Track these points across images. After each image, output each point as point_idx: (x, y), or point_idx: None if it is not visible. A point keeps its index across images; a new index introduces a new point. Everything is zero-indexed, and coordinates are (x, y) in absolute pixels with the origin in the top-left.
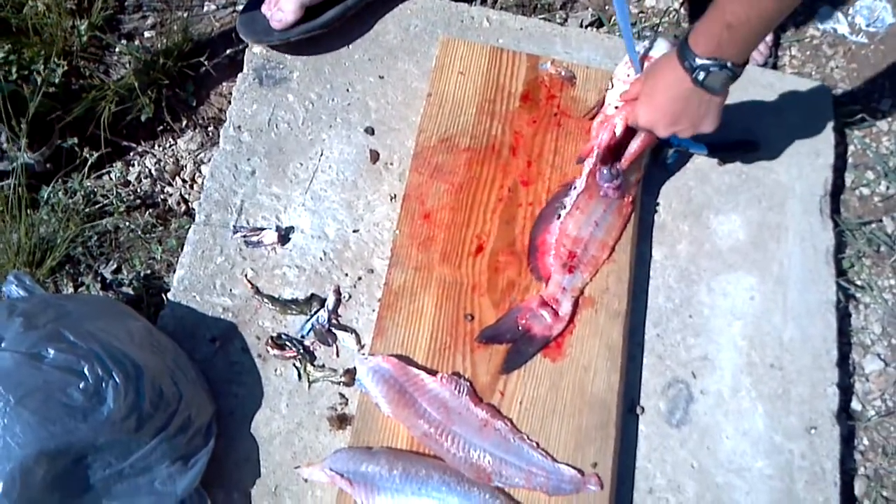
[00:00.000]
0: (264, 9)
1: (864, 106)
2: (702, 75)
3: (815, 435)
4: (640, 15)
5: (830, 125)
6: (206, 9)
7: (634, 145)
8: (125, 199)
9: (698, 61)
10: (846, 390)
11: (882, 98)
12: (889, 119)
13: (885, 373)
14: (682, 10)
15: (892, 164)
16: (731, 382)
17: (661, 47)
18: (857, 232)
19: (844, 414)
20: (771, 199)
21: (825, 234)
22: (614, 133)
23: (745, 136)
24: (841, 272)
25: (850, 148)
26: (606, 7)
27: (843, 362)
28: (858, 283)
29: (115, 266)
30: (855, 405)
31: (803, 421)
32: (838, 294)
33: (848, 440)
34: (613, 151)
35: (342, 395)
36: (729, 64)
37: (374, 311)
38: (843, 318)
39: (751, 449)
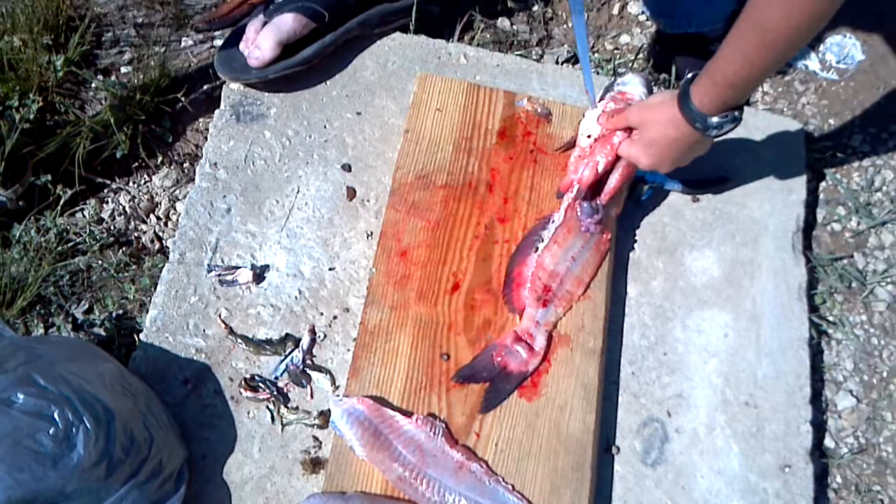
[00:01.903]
0: (242, 46)
1: (835, 142)
2: (714, 132)
3: (790, 473)
4: (615, 51)
5: (802, 161)
6: (183, 44)
7: (613, 180)
8: (98, 238)
9: (710, 120)
10: (819, 427)
11: (853, 134)
12: (860, 155)
13: (858, 409)
14: (657, 47)
15: (862, 200)
16: (706, 420)
17: (635, 82)
18: (828, 268)
19: (818, 451)
20: (744, 236)
21: (798, 270)
22: (597, 170)
23: (718, 173)
24: (813, 308)
25: (822, 184)
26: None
27: (816, 399)
28: (831, 319)
29: (86, 306)
30: (828, 442)
31: (778, 459)
32: (811, 330)
33: (821, 478)
34: (593, 186)
35: (316, 438)
36: (737, 113)
37: (349, 350)
38: (816, 354)
39: (726, 488)
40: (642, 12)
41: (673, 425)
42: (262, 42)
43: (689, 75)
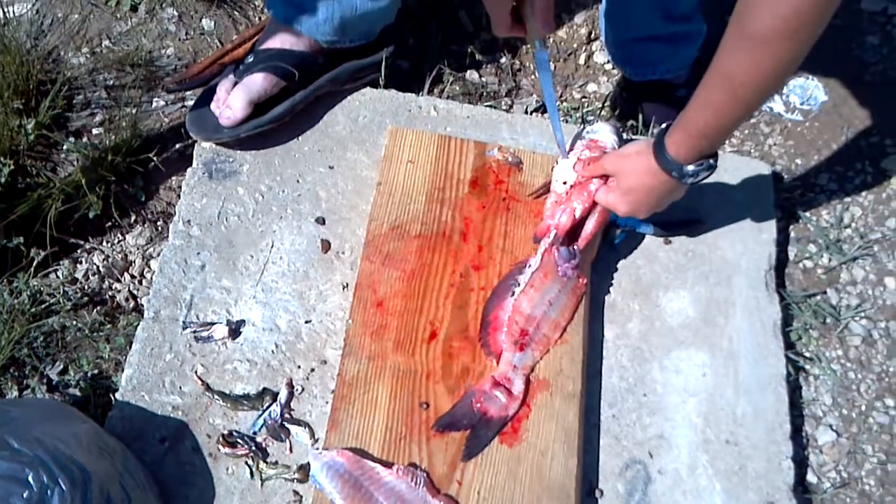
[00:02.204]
0: (213, 106)
1: (802, 181)
2: (691, 179)
3: None
4: (583, 100)
5: (772, 201)
6: (154, 105)
7: (590, 226)
8: (72, 298)
9: (686, 169)
10: (801, 463)
11: (820, 173)
12: (827, 193)
13: (838, 444)
14: (623, 94)
15: (832, 237)
16: (687, 460)
17: (605, 130)
18: (802, 304)
19: (801, 487)
20: (718, 276)
21: (772, 307)
22: (574, 216)
23: (689, 214)
24: (789, 345)
25: (792, 222)
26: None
27: (797, 435)
28: (807, 354)
29: (61, 367)
30: (811, 478)
31: (761, 496)
32: (788, 367)
33: None
34: (569, 232)
35: (296, 493)
36: (712, 161)
37: (327, 403)
38: (794, 390)
39: None
40: (608, 61)
41: (655, 466)
42: (233, 102)
43: (663, 126)
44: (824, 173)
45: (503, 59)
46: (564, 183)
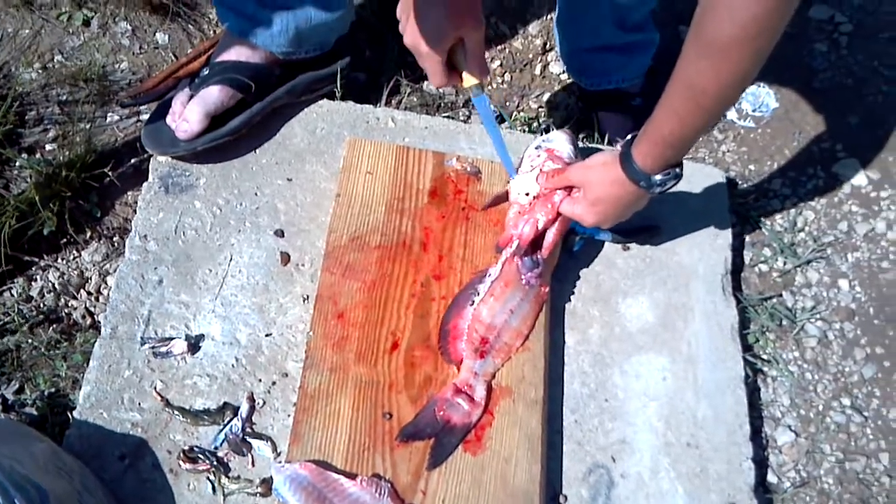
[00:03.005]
0: (169, 120)
1: (756, 187)
2: (658, 189)
3: None
4: (539, 109)
5: (726, 206)
6: (108, 120)
7: (552, 235)
8: (28, 316)
9: (654, 178)
10: (761, 464)
11: (773, 178)
12: (780, 198)
13: (797, 444)
14: (579, 104)
15: (787, 241)
16: (650, 464)
17: (561, 139)
18: (759, 307)
19: (762, 487)
20: (675, 281)
21: (729, 311)
22: (537, 227)
23: (646, 221)
24: (747, 347)
25: (747, 227)
26: (507, 103)
27: (756, 436)
28: (764, 357)
29: (17, 386)
30: (771, 478)
31: (723, 498)
32: (746, 369)
33: None
34: (531, 242)
35: None
36: (678, 170)
37: (289, 416)
38: (753, 392)
39: None
40: (563, 71)
41: (618, 471)
42: (189, 115)
43: (629, 137)
44: (777, 178)
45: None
46: (527, 194)
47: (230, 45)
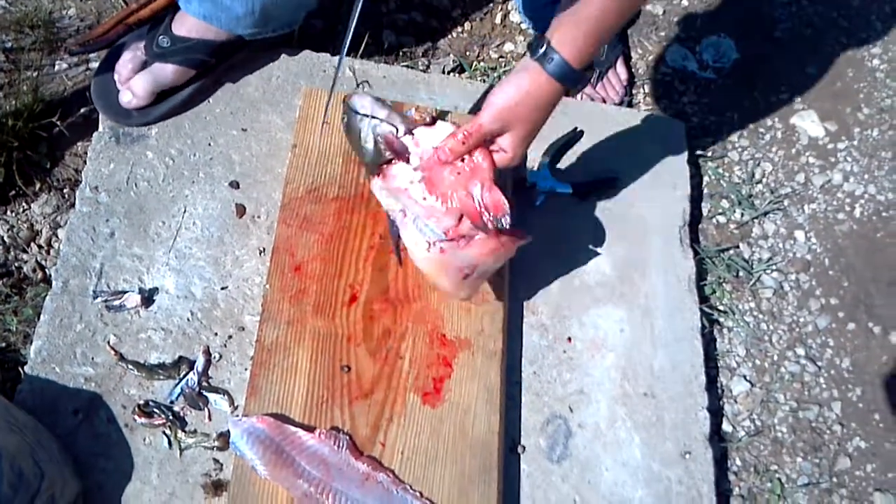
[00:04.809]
0: (116, 78)
1: (715, 138)
2: (579, 84)
3: (690, 460)
4: (500, 59)
5: (685, 158)
6: (57, 68)
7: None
8: None
9: (579, 73)
10: (716, 413)
11: (732, 130)
12: (739, 150)
13: (752, 393)
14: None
15: (744, 193)
16: (607, 414)
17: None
18: (716, 259)
19: (717, 436)
20: (634, 233)
21: (686, 263)
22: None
23: (604, 174)
24: (704, 299)
25: (705, 179)
26: (468, 53)
27: (712, 386)
28: (721, 308)
29: None
30: (726, 427)
31: (678, 447)
32: (702, 320)
33: (721, 462)
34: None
35: (216, 461)
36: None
37: (246, 369)
38: (709, 343)
39: (630, 479)
40: (522, 21)
41: (576, 421)
42: (136, 87)
43: (537, 44)
44: (736, 130)
45: (419, 19)
46: (418, 181)
47: (192, 20)
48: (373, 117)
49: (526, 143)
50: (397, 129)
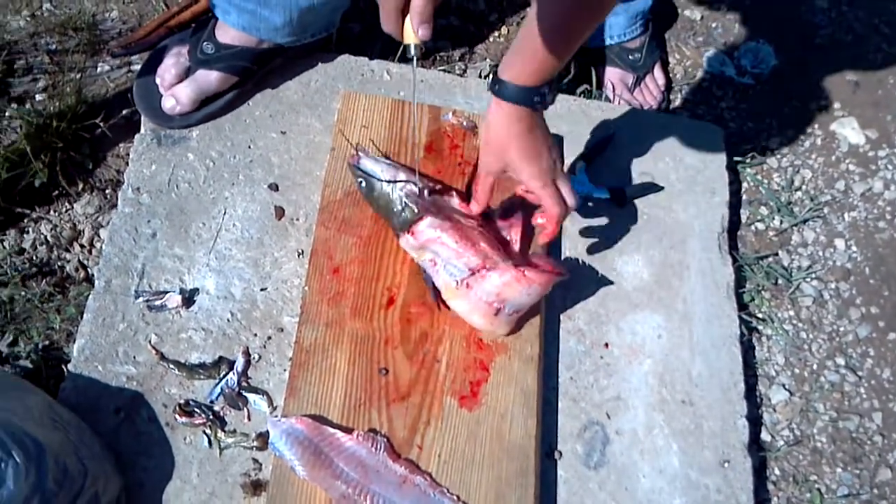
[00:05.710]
0: (158, 82)
1: (754, 144)
2: (549, 99)
3: (729, 468)
4: None
5: (724, 164)
6: (99, 70)
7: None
8: (20, 268)
9: (541, 90)
10: (755, 422)
11: (770, 136)
12: (778, 156)
13: (791, 402)
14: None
15: (783, 199)
16: (644, 420)
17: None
18: (755, 266)
19: (755, 445)
20: (671, 238)
21: (725, 269)
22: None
23: (642, 179)
24: (742, 306)
25: (744, 185)
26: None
27: (751, 394)
28: (760, 315)
29: (10, 338)
30: (764, 436)
31: (717, 455)
32: (741, 327)
33: (760, 471)
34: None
35: (255, 461)
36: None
37: (285, 370)
38: (748, 350)
39: (668, 486)
40: None
41: (613, 427)
42: (179, 94)
43: (492, 79)
44: (775, 136)
45: (456, 23)
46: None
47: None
48: (395, 181)
49: (535, 171)
50: (418, 188)
